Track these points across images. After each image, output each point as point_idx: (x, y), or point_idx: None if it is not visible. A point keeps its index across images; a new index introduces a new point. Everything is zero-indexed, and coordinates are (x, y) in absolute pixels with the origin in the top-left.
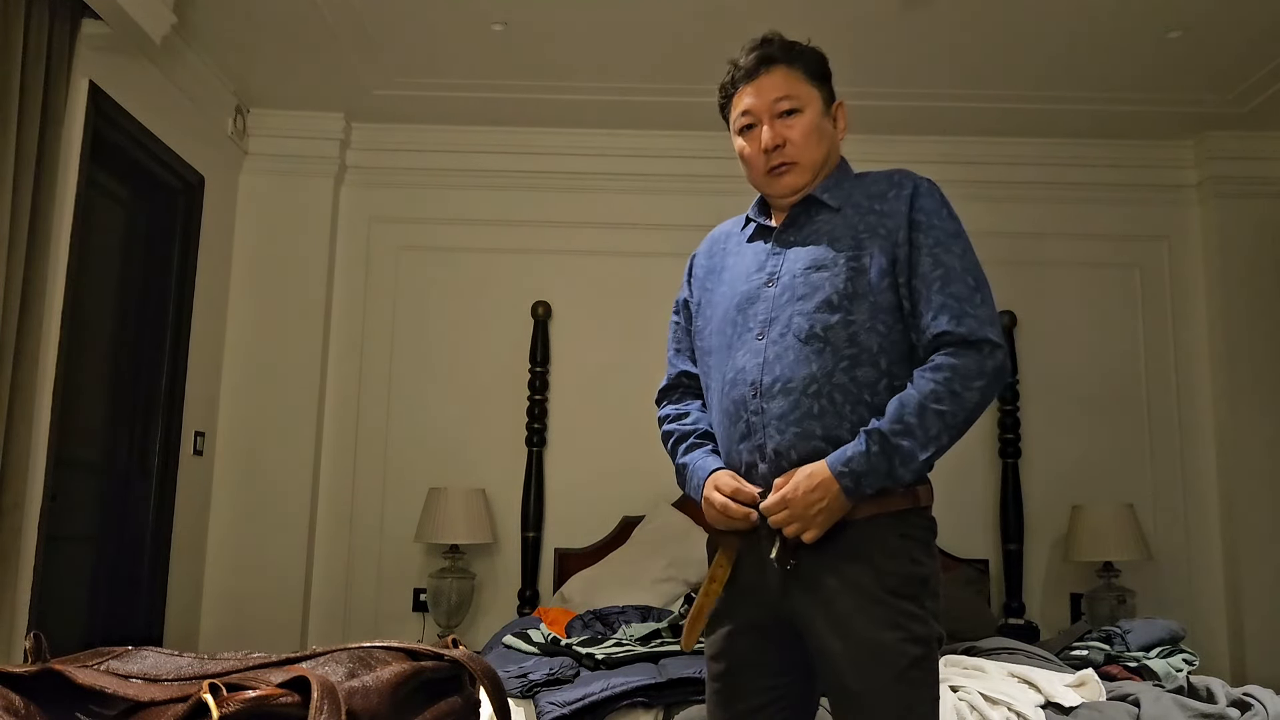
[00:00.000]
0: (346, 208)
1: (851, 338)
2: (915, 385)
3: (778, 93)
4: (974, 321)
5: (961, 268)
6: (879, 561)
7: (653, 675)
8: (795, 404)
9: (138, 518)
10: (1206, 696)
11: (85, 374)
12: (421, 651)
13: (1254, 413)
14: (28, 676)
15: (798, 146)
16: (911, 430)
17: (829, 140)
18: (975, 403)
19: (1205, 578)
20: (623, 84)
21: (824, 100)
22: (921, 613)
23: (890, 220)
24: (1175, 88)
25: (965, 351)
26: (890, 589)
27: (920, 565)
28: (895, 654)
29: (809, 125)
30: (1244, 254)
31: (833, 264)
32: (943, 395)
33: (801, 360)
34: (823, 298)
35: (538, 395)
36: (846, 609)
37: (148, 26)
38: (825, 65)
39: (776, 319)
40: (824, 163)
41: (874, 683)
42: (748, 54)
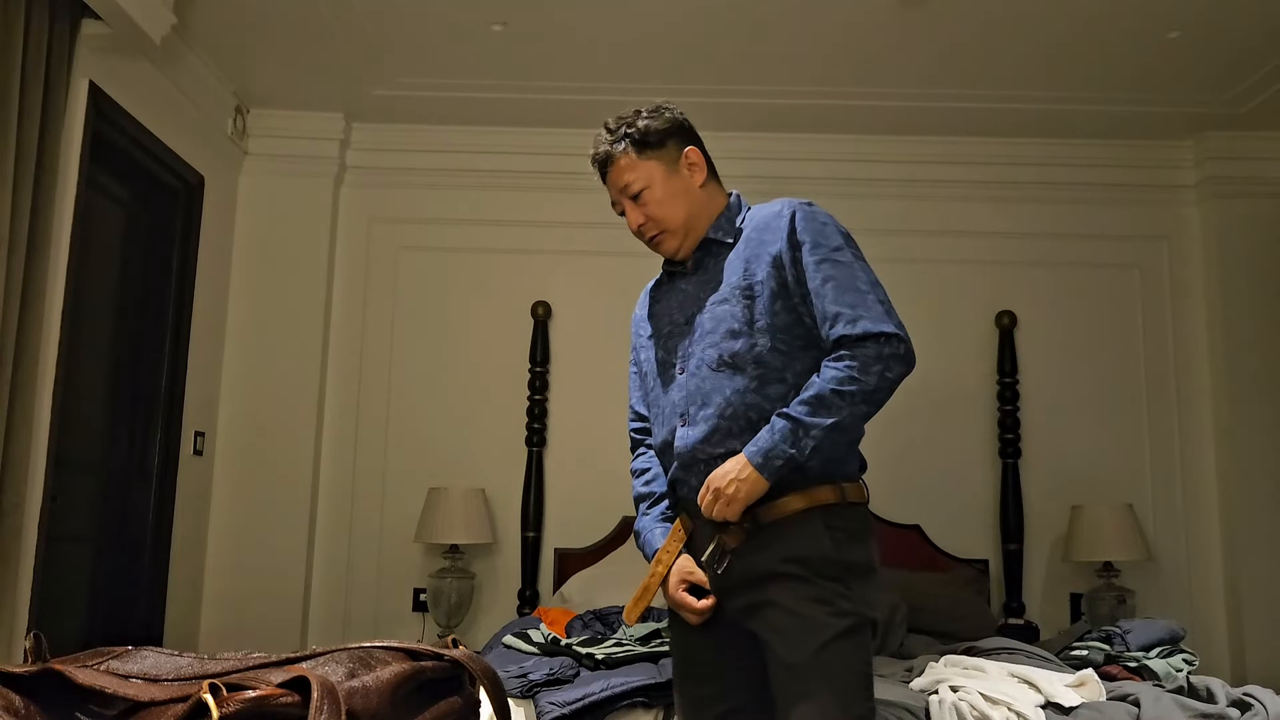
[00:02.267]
0: (346, 208)
1: (756, 359)
2: (819, 374)
3: (620, 183)
4: (868, 321)
5: (848, 275)
6: (807, 548)
7: (653, 675)
8: (715, 426)
9: (138, 518)
10: (1206, 696)
11: (85, 374)
12: (421, 651)
13: (1254, 413)
14: (28, 676)
15: (656, 219)
16: (812, 407)
17: (686, 196)
18: (874, 385)
19: (1205, 578)
20: (623, 84)
21: (664, 164)
22: (847, 592)
23: (773, 246)
24: (1175, 88)
25: (863, 343)
26: (815, 571)
27: (846, 552)
28: (821, 625)
29: (657, 198)
30: (1243, 254)
31: (731, 295)
32: (842, 378)
33: (716, 387)
34: (726, 328)
35: (538, 395)
36: (780, 591)
37: (148, 27)
38: (653, 132)
39: (693, 354)
40: (692, 214)
41: (803, 653)
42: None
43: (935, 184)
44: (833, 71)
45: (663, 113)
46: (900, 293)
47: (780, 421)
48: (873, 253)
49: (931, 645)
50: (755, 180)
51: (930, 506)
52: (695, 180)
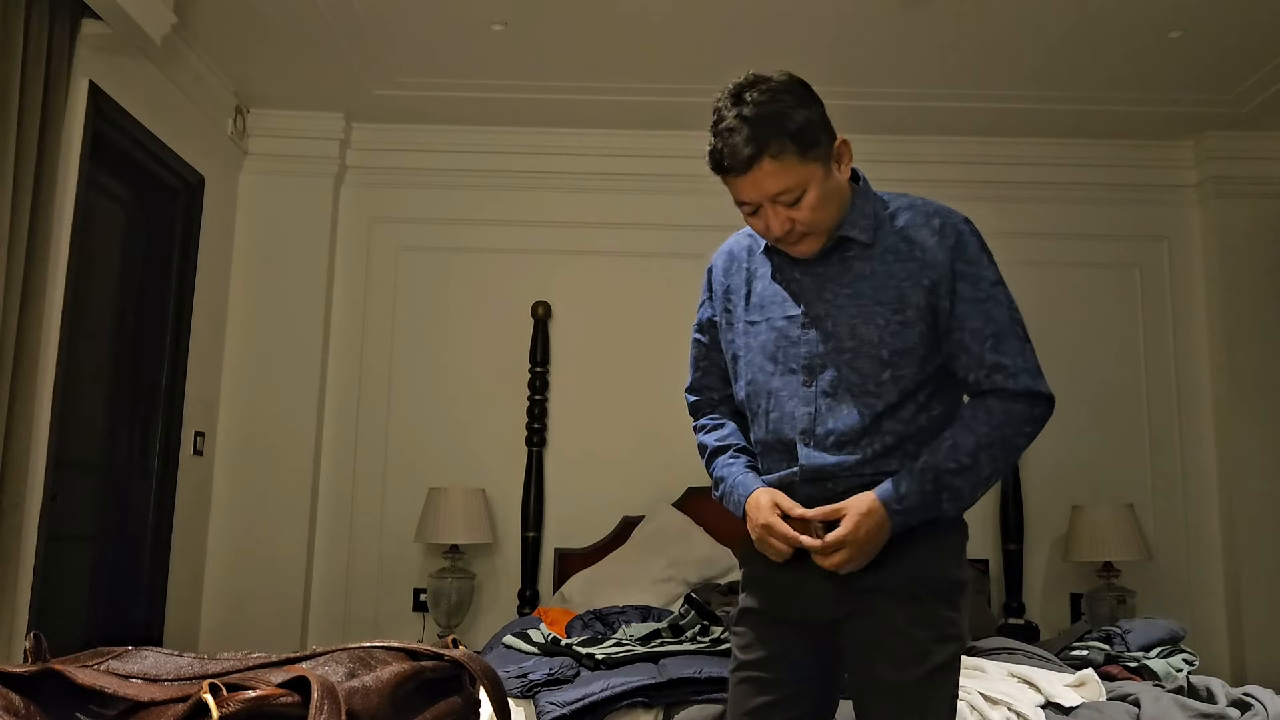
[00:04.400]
0: (346, 208)
1: (903, 391)
2: (969, 426)
3: (775, 189)
4: (1028, 378)
5: (1009, 320)
6: (917, 566)
7: (653, 675)
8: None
9: (138, 518)
10: (1206, 696)
11: (85, 374)
12: (421, 651)
13: (1254, 413)
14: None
15: (808, 223)
16: (964, 470)
17: (839, 195)
18: (1020, 447)
19: (1205, 578)
20: (622, 84)
21: (823, 163)
22: (954, 615)
23: (933, 271)
24: (1175, 88)
25: (1018, 399)
26: (927, 591)
27: (955, 571)
28: (926, 651)
29: (814, 203)
30: (1244, 254)
31: (878, 314)
32: (995, 440)
33: (854, 414)
34: (872, 353)
35: (538, 395)
36: (885, 607)
37: (148, 27)
38: (813, 131)
39: (825, 367)
40: (840, 212)
41: (904, 676)
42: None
43: (935, 184)
44: (833, 71)
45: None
46: None
47: (932, 480)
48: None
49: None
50: None
51: None
52: (844, 175)
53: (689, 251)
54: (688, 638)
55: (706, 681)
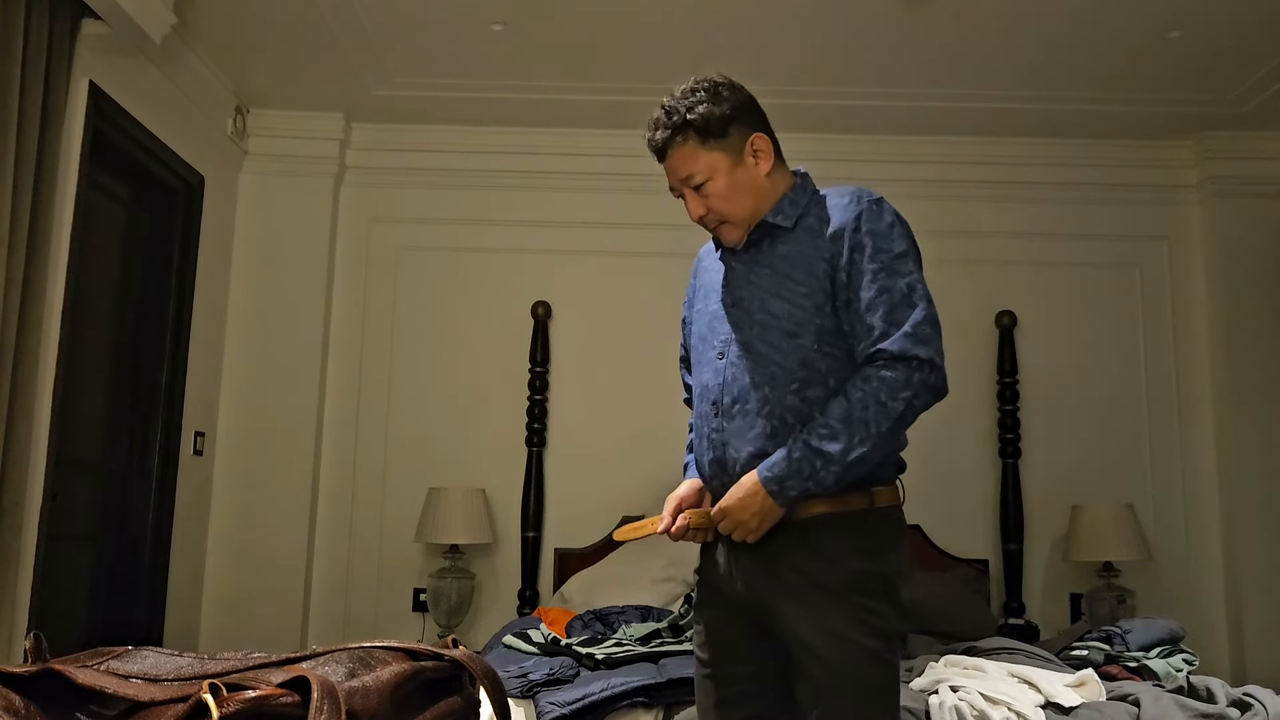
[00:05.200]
0: (346, 208)
1: (803, 361)
2: (845, 393)
3: (682, 172)
4: (907, 340)
5: (904, 290)
6: (841, 559)
7: (653, 675)
8: (750, 424)
9: (138, 518)
10: (1206, 696)
11: (85, 374)
12: (421, 651)
13: (1254, 413)
14: (28, 676)
15: (719, 210)
16: (835, 434)
17: (750, 187)
18: (899, 413)
19: (1205, 578)
20: (622, 84)
21: (730, 154)
22: (883, 609)
23: (835, 244)
24: (1175, 88)
25: (895, 365)
26: (852, 585)
27: (881, 564)
28: (855, 646)
29: (720, 190)
30: (1244, 254)
31: (787, 291)
32: (868, 403)
33: (755, 383)
34: (775, 324)
35: (538, 395)
36: (810, 603)
37: (148, 27)
38: (719, 121)
39: (735, 341)
40: (757, 204)
41: (835, 674)
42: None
43: (935, 184)
44: (833, 71)
45: (723, 94)
46: None
47: (799, 448)
48: None
49: (931, 645)
50: None
51: (930, 506)
52: (761, 170)
53: (689, 251)
54: (688, 638)
55: None
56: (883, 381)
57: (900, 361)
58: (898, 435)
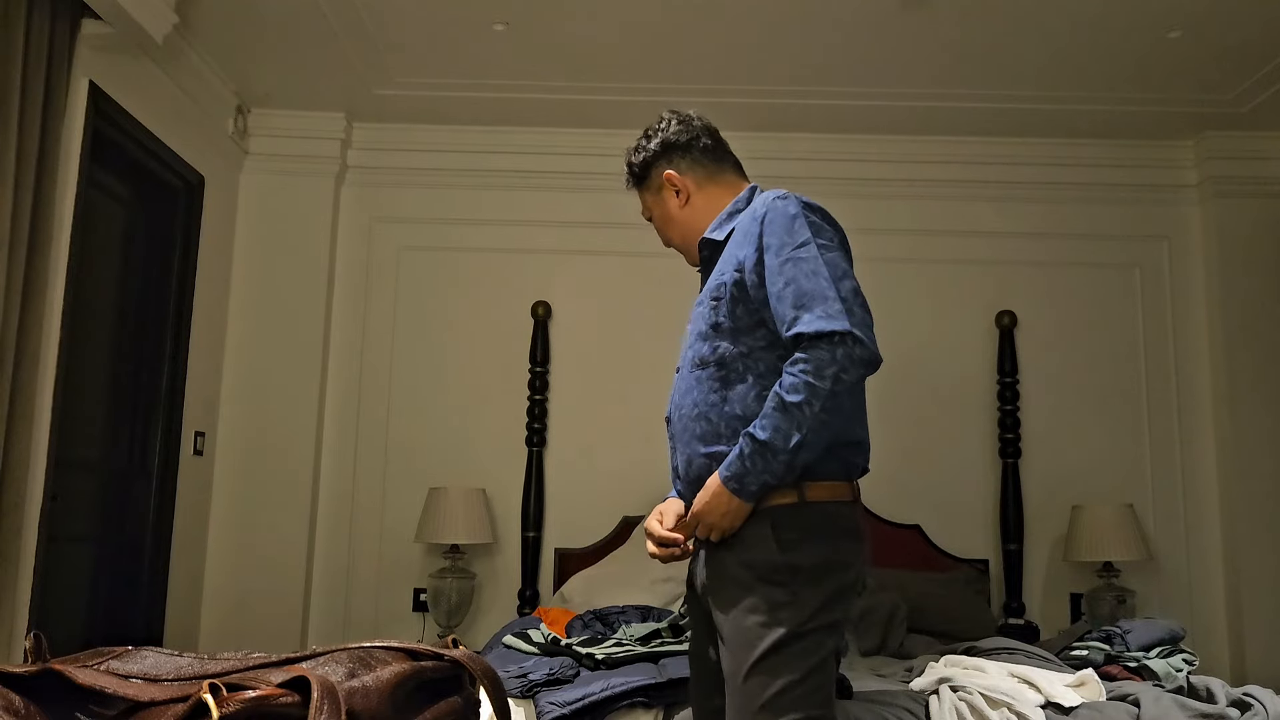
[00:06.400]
0: (347, 208)
1: (720, 360)
2: (779, 382)
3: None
4: (822, 320)
5: (810, 273)
6: (749, 552)
7: (653, 675)
8: (685, 427)
9: (138, 518)
10: (1206, 696)
11: (85, 374)
12: (421, 651)
13: (1254, 413)
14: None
15: (663, 238)
16: (776, 424)
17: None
18: (828, 390)
19: (1205, 578)
20: (623, 84)
21: (653, 194)
22: (789, 599)
23: (742, 249)
24: (1175, 88)
25: (817, 344)
26: (757, 576)
27: (793, 554)
28: (754, 637)
29: (657, 225)
30: (1244, 254)
31: (705, 298)
32: (799, 386)
33: (688, 388)
34: (699, 330)
35: (538, 395)
36: (722, 596)
37: (149, 26)
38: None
39: (683, 354)
40: (687, 230)
41: (736, 664)
42: None
43: (935, 184)
44: (833, 71)
45: (651, 136)
46: (900, 292)
47: (746, 444)
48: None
49: (931, 645)
50: (755, 180)
51: (930, 506)
52: (677, 203)
53: None
54: (688, 638)
55: None
56: (808, 363)
57: (820, 339)
58: (833, 411)
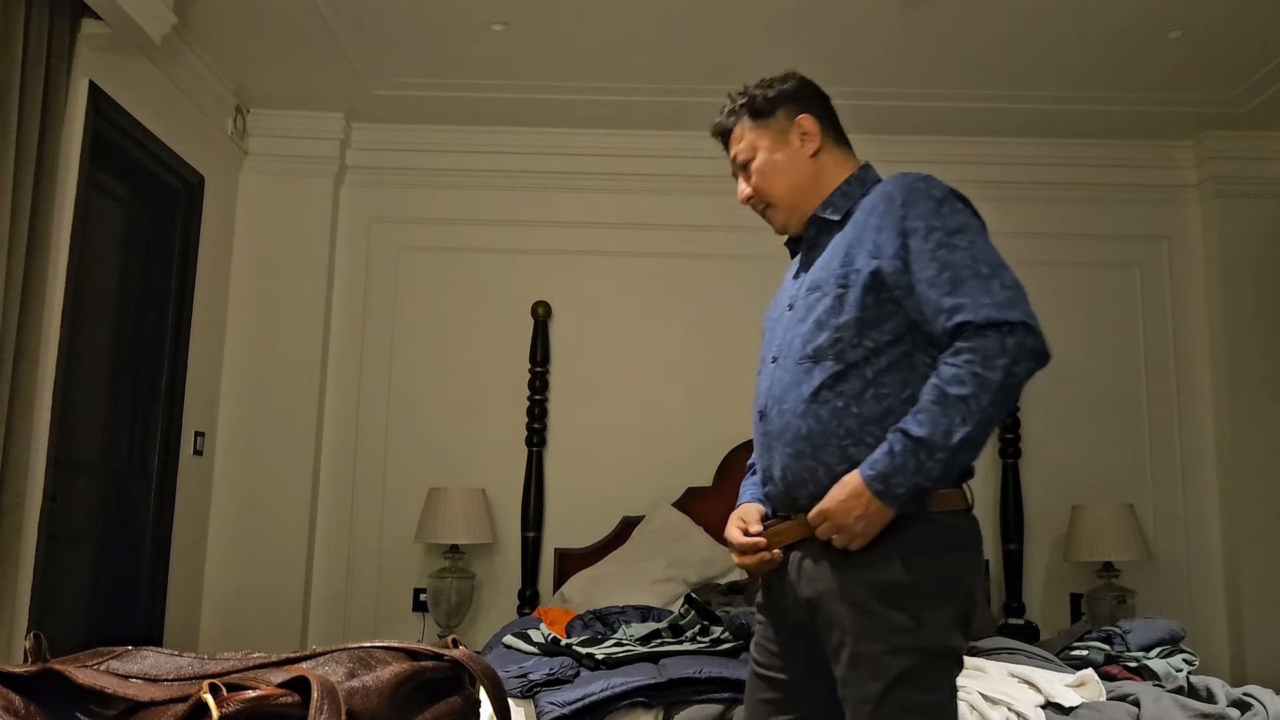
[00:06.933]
0: (346, 208)
1: (837, 354)
2: (936, 373)
3: (732, 151)
4: (991, 309)
5: (970, 260)
6: (868, 571)
7: (653, 675)
8: (787, 425)
9: (138, 518)
10: (1206, 696)
11: (85, 374)
12: (421, 651)
13: (1254, 412)
14: (28, 676)
15: (761, 190)
16: (934, 419)
17: (791, 167)
18: (1000, 382)
19: (1205, 578)
20: (623, 84)
21: (772, 134)
22: (912, 624)
23: (880, 234)
24: (1175, 88)
25: (984, 333)
26: (877, 597)
27: (916, 573)
28: (878, 666)
29: (761, 168)
30: (1244, 254)
31: (825, 283)
32: (963, 378)
33: (793, 381)
34: (814, 317)
35: (538, 395)
36: (840, 617)
37: (148, 26)
38: (767, 101)
39: (784, 342)
40: (800, 188)
41: (861, 694)
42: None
43: None
44: (833, 72)
45: (781, 80)
46: None
47: (897, 440)
48: None
49: None
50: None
51: None
52: (805, 150)
53: (689, 252)
54: (688, 638)
55: (706, 681)
56: (975, 353)
57: (989, 329)
58: (1002, 409)
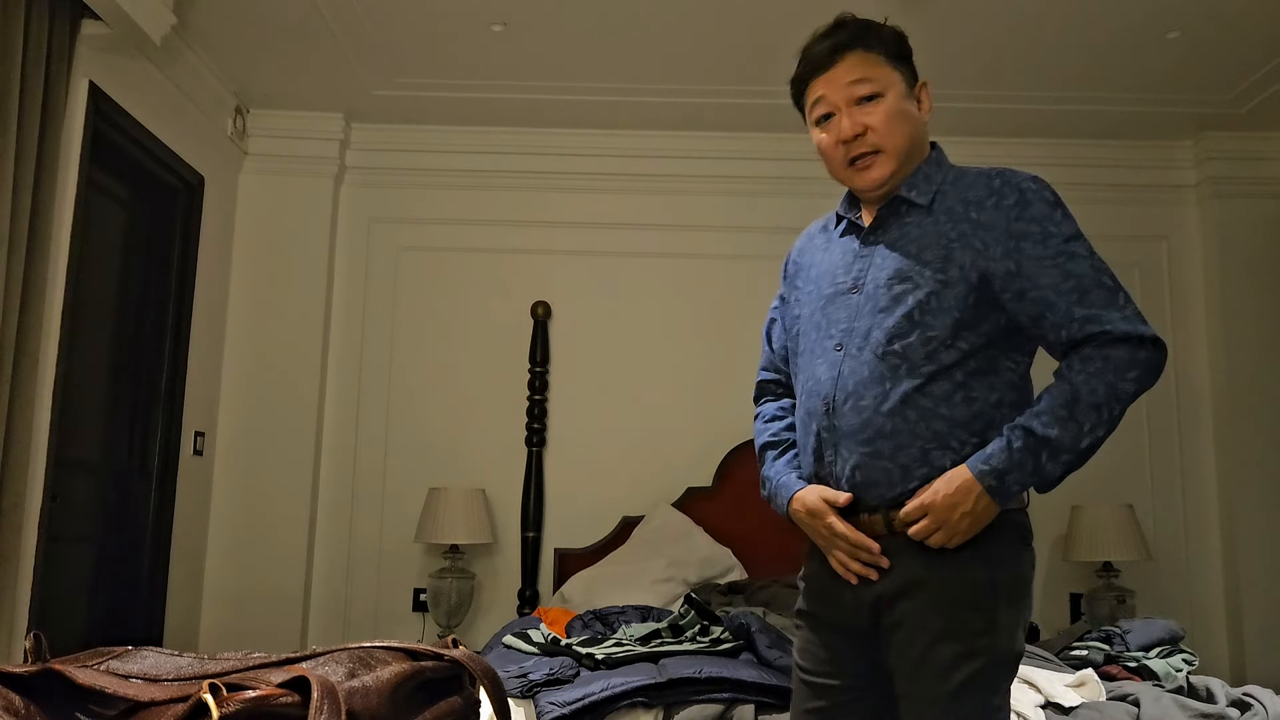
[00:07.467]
0: (346, 208)
1: (930, 355)
2: (1064, 376)
3: (853, 76)
4: (1126, 323)
5: (1093, 271)
6: (946, 570)
7: (653, 675)
8: (866, 423)
9: (138, 518)
10: (1206, 696)
11: (85, 374)
12: (421, 651)
13: (1254, 412)
14: (28, 676)
15: (879, 133)
16: (1062, 421)
17: (913, 125)
18: (1130, 394)
19: (1205, 578)
20: (623, 84)
21: (906, 82)
22: (984, 625)
23: (987, 232)
24: (1175, 88)
25: (1120, 345)
26: (962, 599)
27: (993, 573)
28: (947, 667)
29: (891, 110)
30: (1244, 254)
31: (918, 275)
32: (1096, 386)
33: (875, 377)
34: (903, 311)
35: (538, 395)
36: (909, 615)
37: (148, 27)
38: (905, 45)
39: (856, 330)
40: (910, 151)
41: (925, 694)
42: (818, 41)
43: None
44: None
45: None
46: None
47: (1019, 439)
48: None
49: None
50: (755, 180)
51: None
52: (923, 116)
53: (689, 252)
54: (688, 638)
55: (706, 681)
56: (1107, 362)
57: (1126, 342)
58: (1118, 422)
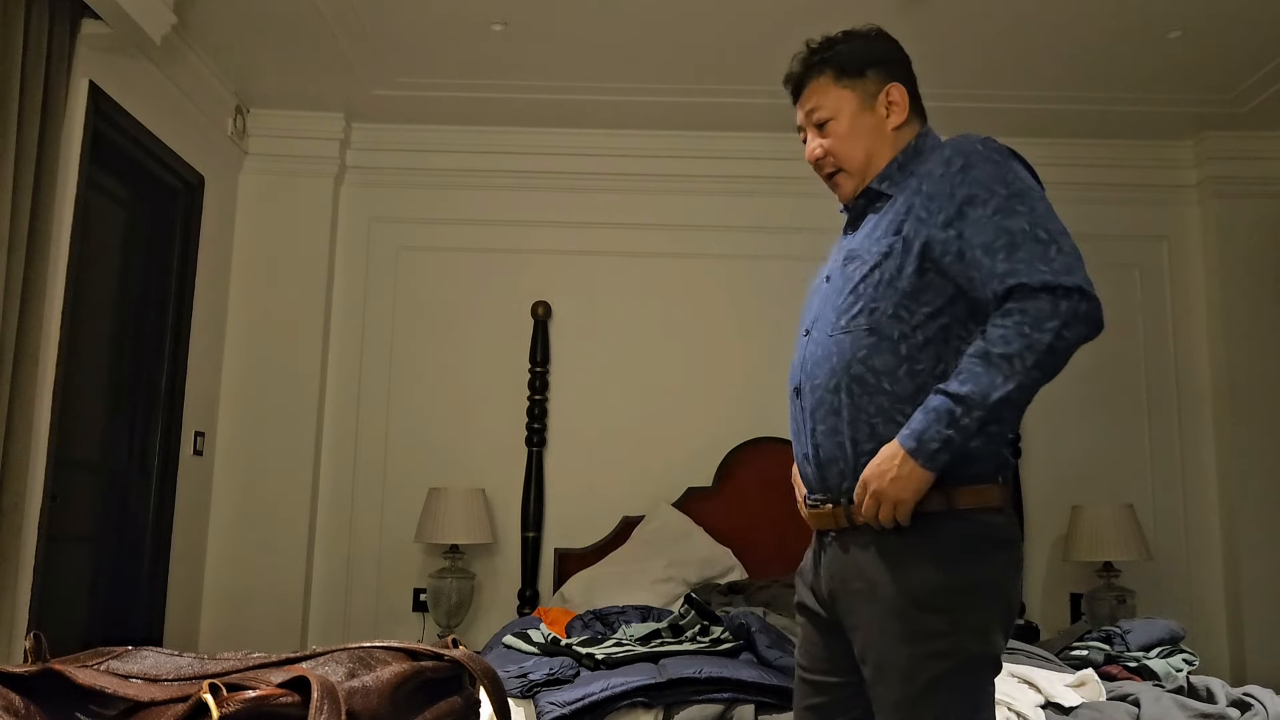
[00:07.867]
0: (346, 208)
1: (872, 327)
2: (982, 335)
3: (809, 105)
4: (1047, 273)
5: (1029, 226)
6: (901, 570)
7: (653, 675)
8: (820, 400)
9: (138, 518)
10: (1206, 696)
11: (85, 374)
12: (421, 651)
13: (1254, 412)
14: (28, 676)
15: (836, 155)
16: (976, 376)
17: (871, 136)
18: (1048, 344)
19: (1205, 578)
20: (623, 84)
21: (859, 97)
22: (947, 627)
23: (934, 201)
24: (1175, 88)
25: (1037, 295)
26: (910, 599)
27: (949, 574)
28: (911, 670)
29: (841, 132)
30: (1244, 254)
31: (865, 253)
32: (1010, 337)
33: (825, 356)
34: (849, 288)
35: (538, 395)
36: (868, 617)
37: (148, 26)
38: (866, 54)
39: (821, 316)
40: (872, 159)
41: (890, 696)
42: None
43: None
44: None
45: (870, 38)
46: None
47: (936, 399)
48: None
49: None
50: (755, 180)
51: None
52: (890, 122)
53: (689, 252)
54: (688, 638)
55: (706, 681)
56: (1025, 314)
57: (1043, 292)
58: (1047, 374)
